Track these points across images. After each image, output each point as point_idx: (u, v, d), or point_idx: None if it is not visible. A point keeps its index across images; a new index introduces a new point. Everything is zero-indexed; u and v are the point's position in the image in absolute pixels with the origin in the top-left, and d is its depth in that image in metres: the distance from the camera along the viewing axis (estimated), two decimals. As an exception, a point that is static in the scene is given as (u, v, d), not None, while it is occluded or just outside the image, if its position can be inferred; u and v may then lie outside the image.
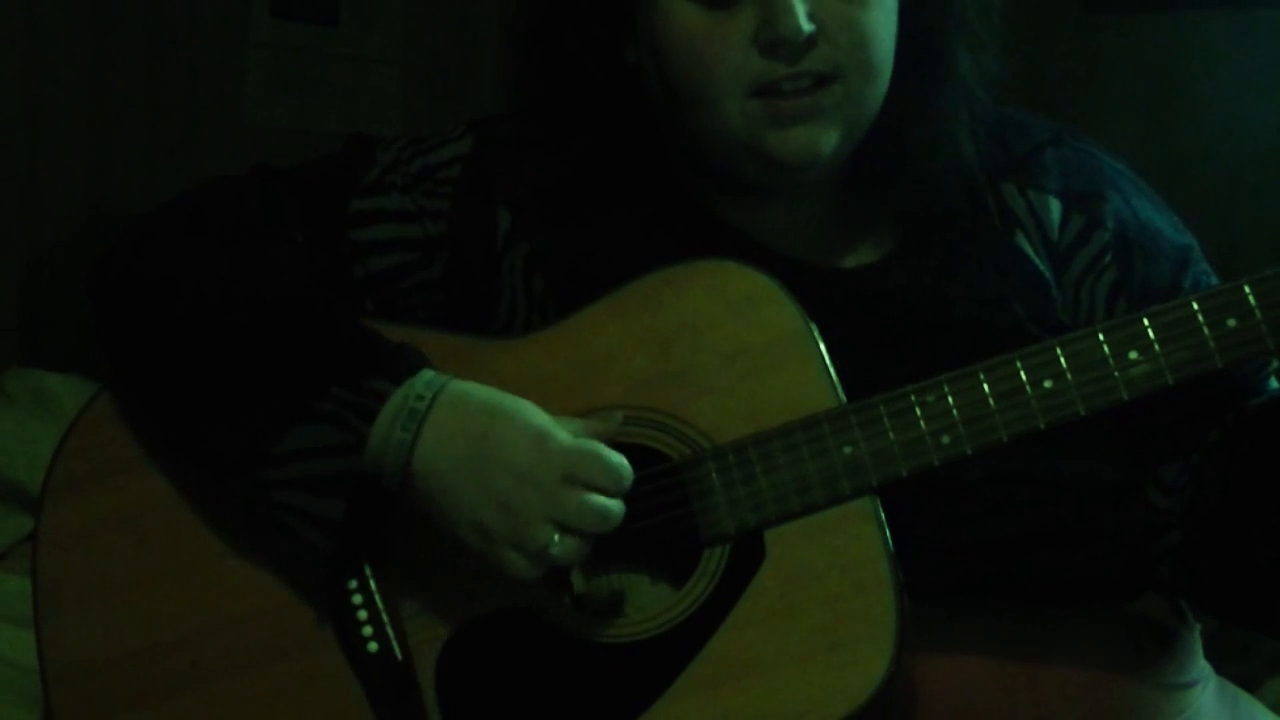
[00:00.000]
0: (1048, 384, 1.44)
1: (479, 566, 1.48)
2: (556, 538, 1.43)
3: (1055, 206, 1.63)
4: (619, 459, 1.44)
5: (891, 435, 1.45)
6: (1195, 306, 1.43)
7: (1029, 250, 1.61)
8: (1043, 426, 1.44)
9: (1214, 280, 1.64)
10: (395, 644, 1.52)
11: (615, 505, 1.43)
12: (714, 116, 1.54)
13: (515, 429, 1.45)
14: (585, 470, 1.43)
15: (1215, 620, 1.65)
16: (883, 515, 1.45)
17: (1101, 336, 1.44)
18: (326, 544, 1.48)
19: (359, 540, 1.51)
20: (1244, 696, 1.71)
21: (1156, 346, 1.43)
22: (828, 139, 1.53)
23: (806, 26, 1.49)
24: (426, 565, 1.53)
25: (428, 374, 1.48)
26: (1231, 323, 1.43)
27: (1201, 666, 1.63)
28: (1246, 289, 1.42)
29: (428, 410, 1.45)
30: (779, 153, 1.53)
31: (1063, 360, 1.44)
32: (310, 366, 1.49)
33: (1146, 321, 1.44)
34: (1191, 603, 1.63)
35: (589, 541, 1.44)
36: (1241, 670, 2.02)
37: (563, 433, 1.45)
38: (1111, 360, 1.44)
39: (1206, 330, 1.43)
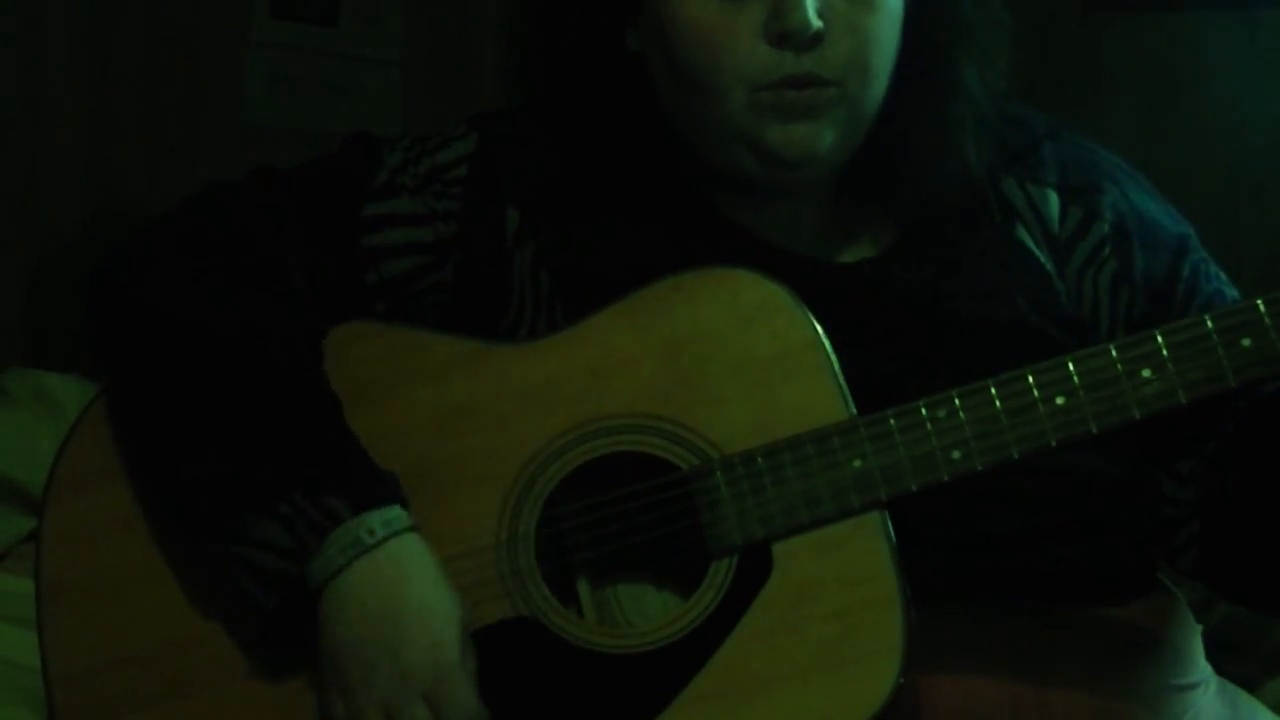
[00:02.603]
0: (1060, 400, 1.44)
1: (483, 576, 1.50)
2: None
3: (1054, 199, 1.63)
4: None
5: (901, 450, 1.45)
6: (1209, 325, 1.43)
7: (1030, 243, 1.62)
8: (1054, 444, 1.44)
9: (1212, 268, 1.64)
10: (398, 651, 1.52)
11: None
12: (718, 107, 1.54)
13: (428, 621, 1.47)
14: (448, 707, 1.45)
15: (1241, 608, 1.65)
16: (891, 529, 1.45)
17: (1115, 353, 1.44)
18: (260, 625, 1.50)
19: (292, 632, 1.51)
20: (1244, 697, 1.72)
21: (1170, 365, 1.43)
22: (825, 137, 1.54)
23: (815, 22, 1.50)
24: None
25: (393, 513, 1.49)
26: (1246, 342, 1.42)
27: (1203, 668, 1.63)
28: (1262, 308, 1.42)
29: (372, 548, 1.47)
30: (778, 147, 1.54)
31: (1075, 377, 1.44)
32: (282, 463, 1.49)
33: (1160, 339, 1.43)
34: (1215, 591, 1.64)
35: None
36: (1241, 670, 2.03)
37: (459, 671, 1.46)
38: (1124, 378, 1.44)
39: (1221, 350, 1.42)
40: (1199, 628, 1.65)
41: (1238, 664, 2.07)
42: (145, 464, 1.58)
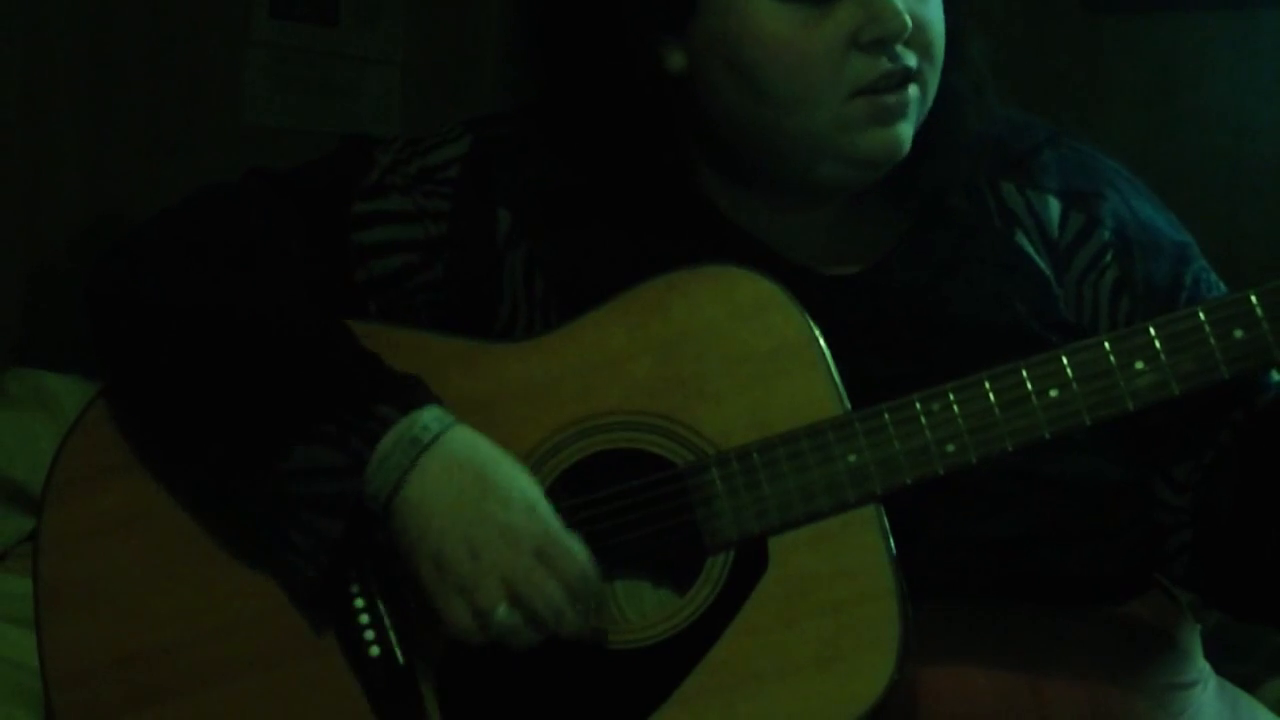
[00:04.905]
0: (1053, 393, 1.44)
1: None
2: (504, 607, 1.44)
3: (1054, 205, 1.63)
4: (593, 570, 1.46)
5: (896, 443, 1.45)
6: (1202, 317, 1.43)
7: (1029, 249, 1.62)
8: (1047, 436, 1.44)
9: (1212, 276, 1.64)
10: (397, 648, 1.52)
11: (570, 614, 1.45)
12: (806, 119, 1.53)
13: (513, 487, 1.46)
14: (561, 559, 1.45)
15: (1228, 617, 1.65)
16: (886, 523, 1.45)
17: (1108, 346, 1.44)
18: (323, 560, 1.48)
19: (352, 559, 1.51)
20: (1244, 696, 1.72)
21: (1163, 357, 1.43)
22: (907, 135, 1.54)
23: (910, 22, 1.50)
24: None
25: (437, 409, 1.48)
26: (1238, 334, 1.42)
27: (1201, 667, 1.63)
28: (1254, 299, 1.42)
29: (431, 443, 1.46)
30: (868, 152, 1.53)
31: (1068, 370, 1.44)
32: (316, 388, 1.49)
33: (1153, 331, 1.44)
34: (1205, 599, 1.63)
35: (530, 630, 1.45)
36: (1241, 670, 2.02)
37: (560, 525, 1.46)
38: (1117, 370, 1.44)
39: (1213, 341, 1.42)
40: (1198, 626, 1.65)
41: (1238, 664, 2.06)
42: (166, 447, 1.57)
